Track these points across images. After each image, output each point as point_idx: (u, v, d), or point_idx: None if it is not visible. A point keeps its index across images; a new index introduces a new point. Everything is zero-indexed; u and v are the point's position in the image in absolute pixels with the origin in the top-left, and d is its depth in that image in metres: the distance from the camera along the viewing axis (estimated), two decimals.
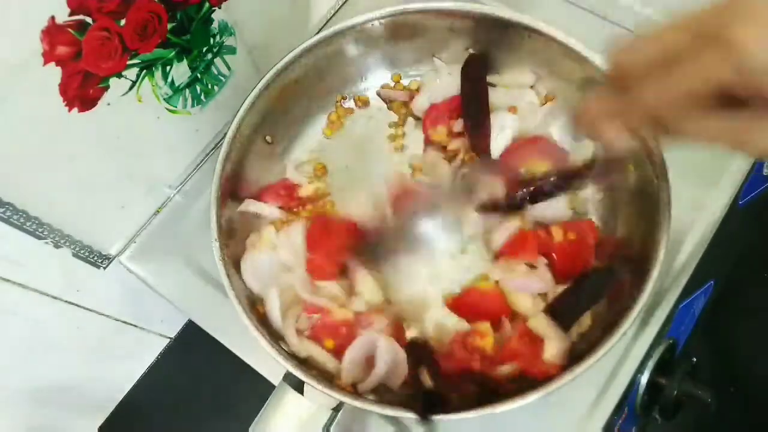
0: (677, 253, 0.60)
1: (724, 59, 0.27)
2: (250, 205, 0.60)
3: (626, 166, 0.56)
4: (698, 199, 0.63)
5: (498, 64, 0.65)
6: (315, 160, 0.67)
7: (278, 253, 0.58)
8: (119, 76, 0.52)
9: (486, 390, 0.52)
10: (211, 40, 0.59)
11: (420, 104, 0.66)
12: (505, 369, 0.53)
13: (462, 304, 0.58)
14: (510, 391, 0.49)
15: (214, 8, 0.57)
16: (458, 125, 0.63)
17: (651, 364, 0.58)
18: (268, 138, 0.64)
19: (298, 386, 0.52)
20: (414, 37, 0.64)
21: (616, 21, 0.72)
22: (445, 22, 0.62)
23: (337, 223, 0.61)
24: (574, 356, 0.51)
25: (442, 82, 0.65)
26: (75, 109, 0.50)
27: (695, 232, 0.62)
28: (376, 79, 0.68)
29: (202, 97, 0.63)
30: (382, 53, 0.66)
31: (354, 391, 0.52)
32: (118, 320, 0.79)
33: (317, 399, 0.51)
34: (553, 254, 0.57)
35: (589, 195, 0.62)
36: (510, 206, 0.56)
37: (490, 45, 0.63)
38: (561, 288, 0.57)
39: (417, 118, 0.67)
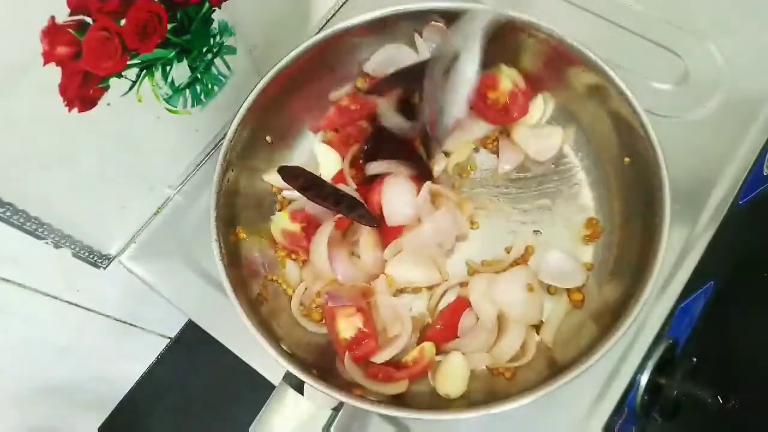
0: (677, 253, 0.60)
1: None
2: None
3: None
4: (698, 199, 0.63)
5: (497, 62, 0.65)
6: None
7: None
8: (119, 76, 0.52)
9: None
10: (211, 40, 0.59)
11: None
12: None
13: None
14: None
15: (214, 8, 0.57)
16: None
17: (651, 364, 0.58)
18: (268, 138, 0.64)
19: (298, 386, 0.52)
20: (414, 36, 0.64)
21: (614, 20, 0.72)
22: (445, 22, 0.62)
23: None
24: (574, 356, 0.51)
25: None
26: (75, 109, 0.50)
27: (695, 232, 0.62)
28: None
29: (202, 97, 0.63)
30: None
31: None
32: (118, 320, 0.79)
33: (317, 399, 0.51)
34: None
35: (588, 194, 0.63)
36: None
37: (489, 44, 0.63)
38: None
39: None
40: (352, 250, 0.61)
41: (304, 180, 0.61)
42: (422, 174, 0.61)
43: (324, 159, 0.65)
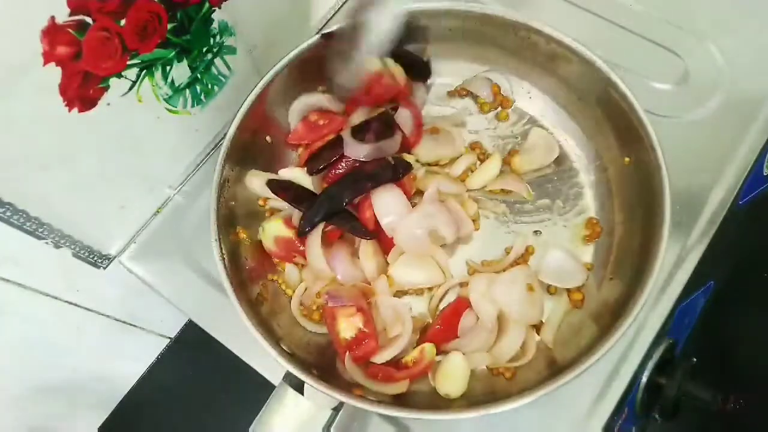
0: (677, 253, 0.60)
1: None
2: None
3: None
4: (698, 199, 0.63)
5: (497, 62, 0.65)
6: None
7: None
8: (119, 76, 0.52)
9: None
10: (211, 40, 0.59)
11: None
12: None
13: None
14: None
15: (214, 8, 0.57)
16: None
17: (651, 364, 0.58)
18: (268, 138, 0.64)
19: (298, 386, 0.52)
20: (414, 36, 0.64)
21: (614, 20, 0.72)
22: (445, 22, 0.62)
23: None
24: (574, 356, 0.51)
25: None
26: (75, 109, 0.50)
27: (695, 232, 0.62)
28: None
29: (202, 97, 0.63)
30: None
31: None
32: (118, 320, 0.79)
33: (317, 399, 0.51)
34: None
35: (588, 194, 0.63)
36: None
37: (488, 44, 0.64)
38: None
39: None
40: (353, 250, 0.61)
41: (294, 193, 0.60)
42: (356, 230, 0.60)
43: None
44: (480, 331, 0.57)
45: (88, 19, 0.46)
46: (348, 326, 0.56)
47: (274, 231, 0.60)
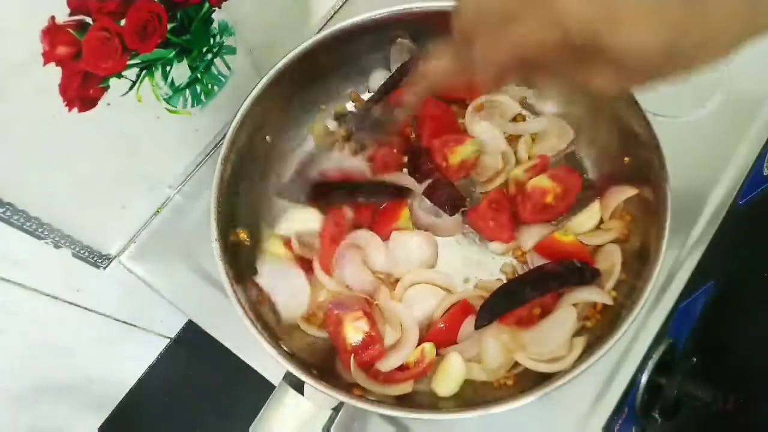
0: (677, 253, 0.60)
1: (545, 21, 0.31)
2: None
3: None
4: (698, 199, 0.63)
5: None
6: None
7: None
8: (119, 76, 0.52)
9: None
10: (211, 40, 0.59)
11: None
12: None
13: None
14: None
15: (214, 8, 0.57)
16: None
17: (651, 364, 0.58)
18: (268, 138, 0.64)
19: (298, 386, 0.52)
20: (414, 36, 0.64)
21: None
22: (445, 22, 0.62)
23: None
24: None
25: None
26: (75, 109, 0.50)
27: (695, 232, 0.62)
28: (376, 79, 0.68)
29: (202, 97, 0.63)
30: (382, 53, 0.66)
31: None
32: (117, 320, 0.79)
33: (317, 399, 0.51)
34: None
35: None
36: None
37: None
38: None
39: None
40: (364, 258, 0.61)
41: (314, 189, 0.60)
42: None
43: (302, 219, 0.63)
44: (478, 339, 0.56)
45: (88, 19, 0.46)
46: (355, 331, 0.55)
47: (272, 251, 0.60)
